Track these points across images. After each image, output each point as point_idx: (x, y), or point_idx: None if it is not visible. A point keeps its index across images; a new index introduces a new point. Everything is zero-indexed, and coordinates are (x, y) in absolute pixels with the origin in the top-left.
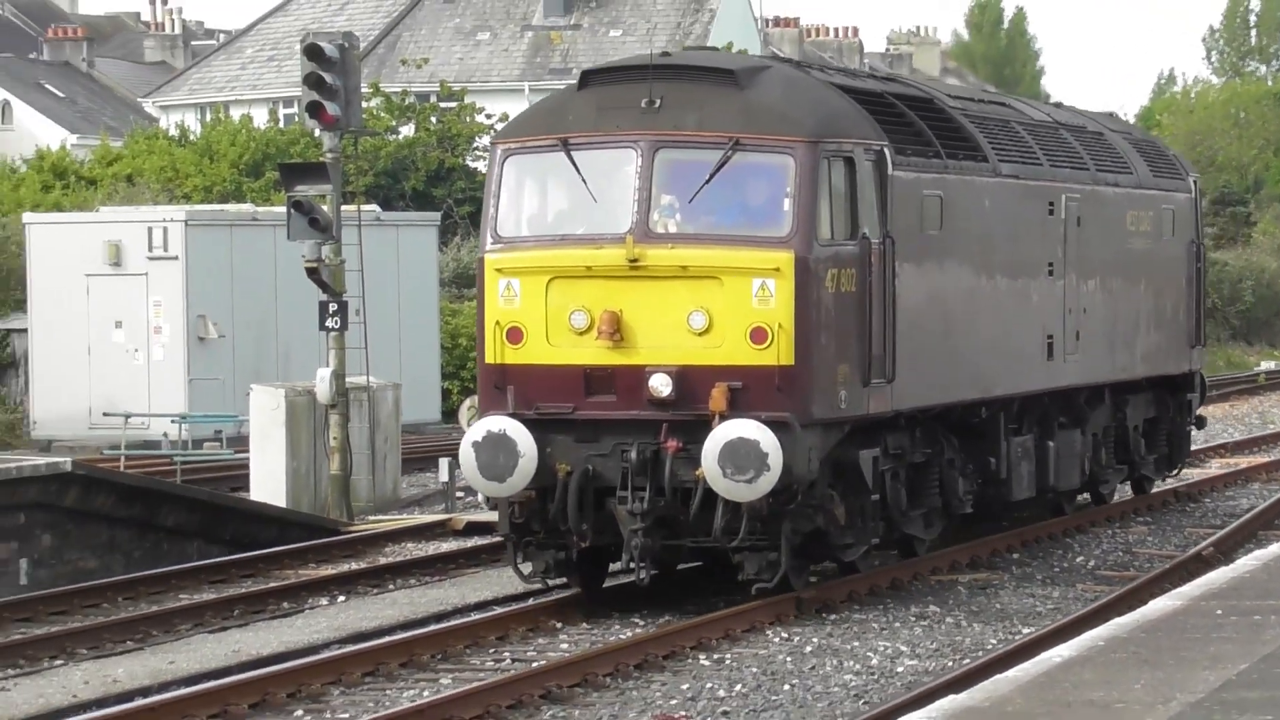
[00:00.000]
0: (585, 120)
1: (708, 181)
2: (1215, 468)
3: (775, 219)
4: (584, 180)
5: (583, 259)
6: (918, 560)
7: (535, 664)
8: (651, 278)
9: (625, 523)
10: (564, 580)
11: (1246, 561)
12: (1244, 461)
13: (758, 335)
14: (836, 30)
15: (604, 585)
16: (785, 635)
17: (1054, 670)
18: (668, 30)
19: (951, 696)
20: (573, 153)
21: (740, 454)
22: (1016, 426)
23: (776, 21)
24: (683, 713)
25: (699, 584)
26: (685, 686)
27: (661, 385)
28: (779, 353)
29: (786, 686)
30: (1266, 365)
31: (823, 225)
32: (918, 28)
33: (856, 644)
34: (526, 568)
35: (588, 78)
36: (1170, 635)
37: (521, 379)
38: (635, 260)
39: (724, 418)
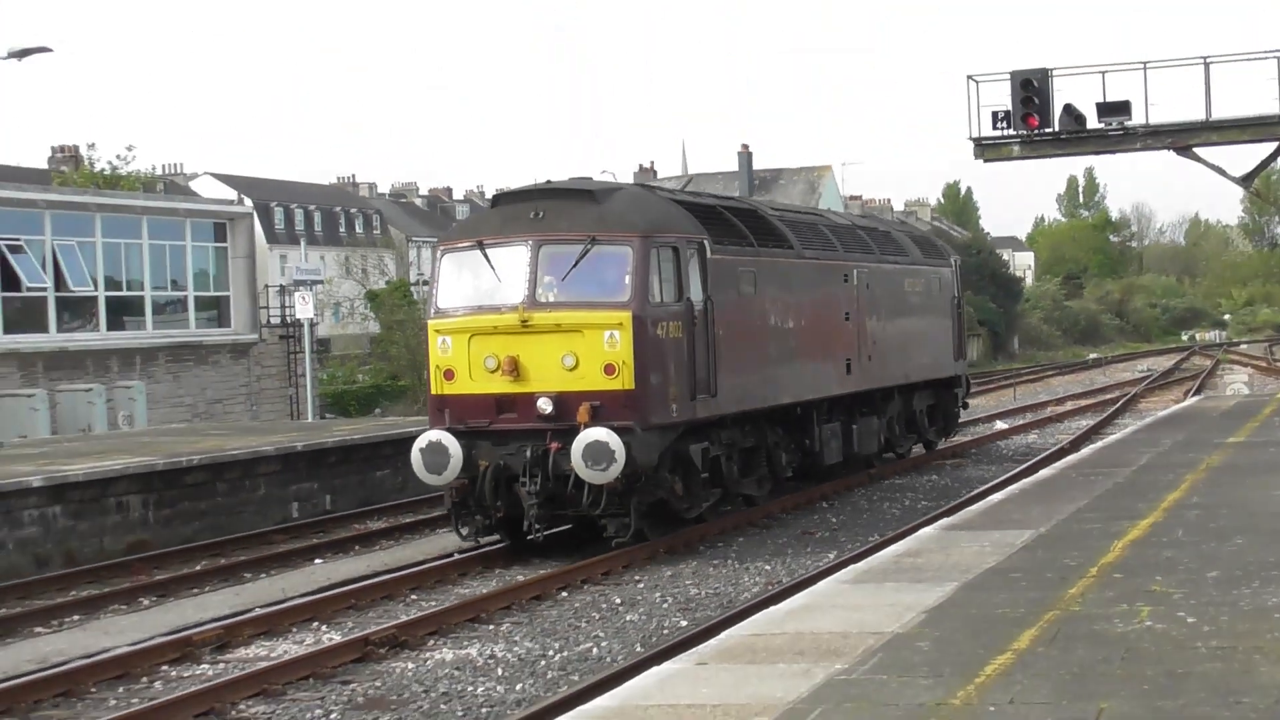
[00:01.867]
0: (494, 228)
1: (574, 266)
2: (1069, 405)
3: (619, 290)
4: (493, 268)
5: (491, 321)
6: (936, 453)
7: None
8: (537, 332)
9: (525, 500)
10: (494, 538)
11: (1086, 450)
12: (1084, 402)
13: (609, 369)
14: (877, 200)
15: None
16: (864, 493)
17: (994, 505)
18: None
19: (945, 520)
20: (485, 250)
21: (596, 451)
22: (828, 416)
23: (852, 198)
24: (814, 529)
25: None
26: (815, 518)
27: (545, 406)
28: (623, 381)
29: (864, 516)
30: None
31: (654, 292)
32: (919, 198)
33: (898, 495)
34: (465, 531)
35: (497, 199)
36: (1051, 487)
37: (454, 404)
38: (526, 321)
39: (586, 426)
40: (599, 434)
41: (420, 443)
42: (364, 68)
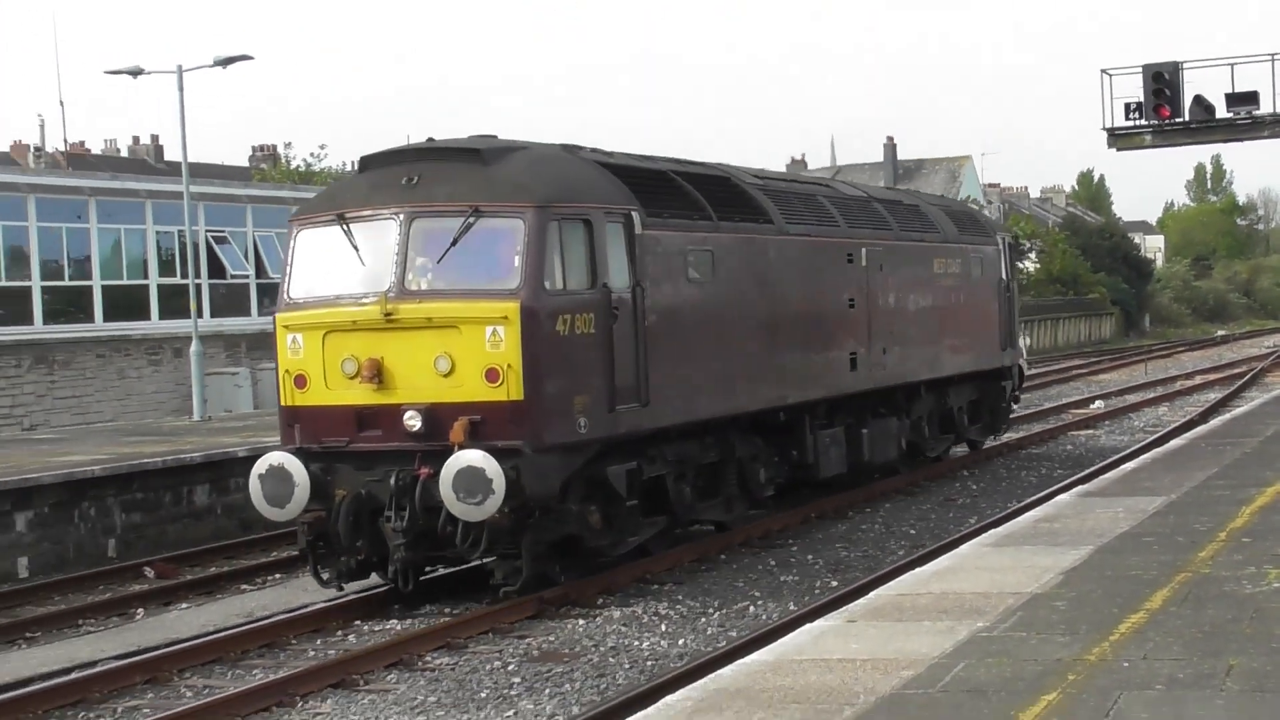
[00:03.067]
0: (358, 198)
1: (453, 244)
2: (1199, 379)
3: (506, 274)
4: (355, 247)
5: (349, 315)
6: (1064, 424)
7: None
8: (405, 329)
9: (390, 538)
10: (372, 581)
11: (1215, 422)
12: (1212, 376)
13: (491, 375)
14: (1014, 188)
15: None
16: (1003, 461)
17: (1127, 473)
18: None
19: (1081, 487)
20: (348, 225)
21: (469, 480)
22: (827, 421)
23: (990, 185)
24: (955, 496)
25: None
26: (956, 485)
27: (413, 421)
28: (509, 389)
29: (1003, 483)
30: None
31: (554, 277)
32: (1055, 185)
33: (1035, 463)
34: (325, 575)
35: (365, 162)
36: (1181, 456)
37: (308, 418)
38: (390, 314)
39: (461, 448)
40: (472, 458)
41: (259, 467)
42: (533, 60)
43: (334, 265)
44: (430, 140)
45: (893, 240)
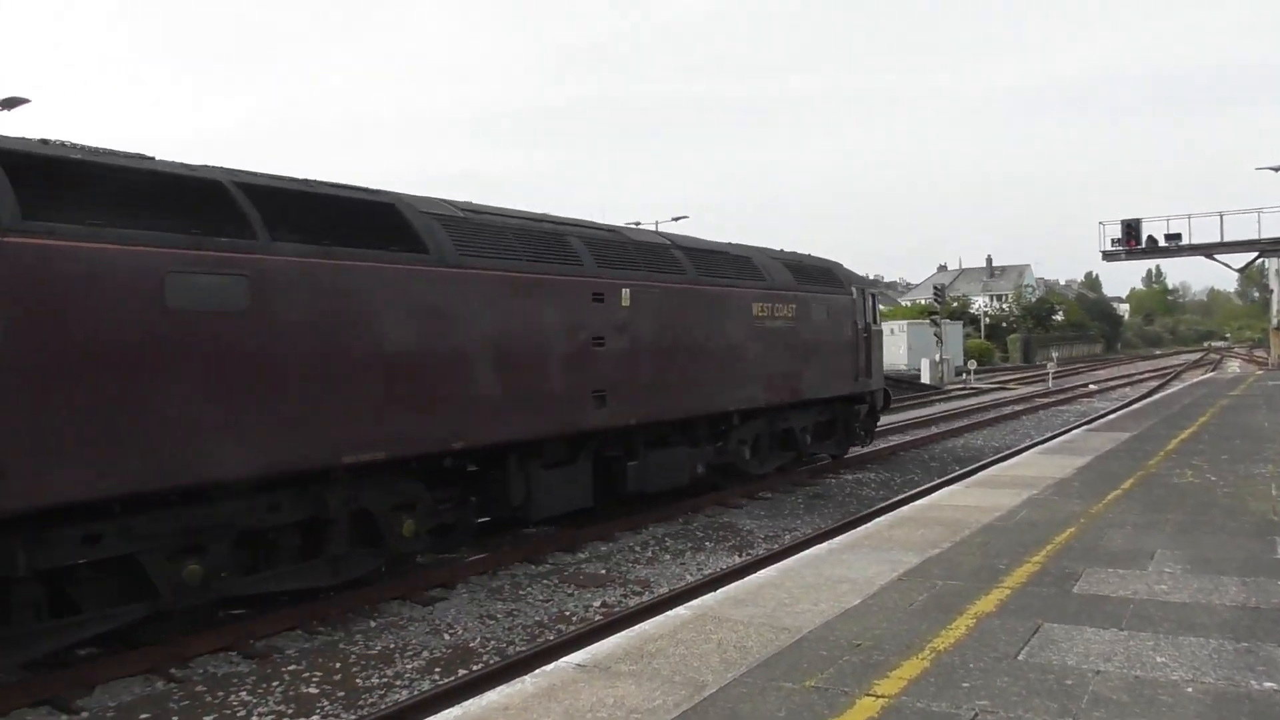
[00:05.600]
0: None
1: None
2: (1146, 375)
3: None
4: None
5: None
6: (1075, 395)
7: None
8: None
9: None
10: None
11: (1155, 396)
12: (1153, 375)
13: None
14: (1053, 279)
15: None
16: (1044, 414)
17: (1110, 420)
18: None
19: (1088, 425)
20: None
21: None
22: (569, 457)
23: (1039, 279)
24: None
25: None
26: (1018, 421)
27: None
28: None
29: (1043, 424)
30: (1157, 352)
31: None
32: (1072, 278)
33: (1060, 414)
34: None
35: None
36: (1138, 413)
37: None
38: None
39: None
40: None
41: None
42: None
43: None
44: None
45: (684, 284)
